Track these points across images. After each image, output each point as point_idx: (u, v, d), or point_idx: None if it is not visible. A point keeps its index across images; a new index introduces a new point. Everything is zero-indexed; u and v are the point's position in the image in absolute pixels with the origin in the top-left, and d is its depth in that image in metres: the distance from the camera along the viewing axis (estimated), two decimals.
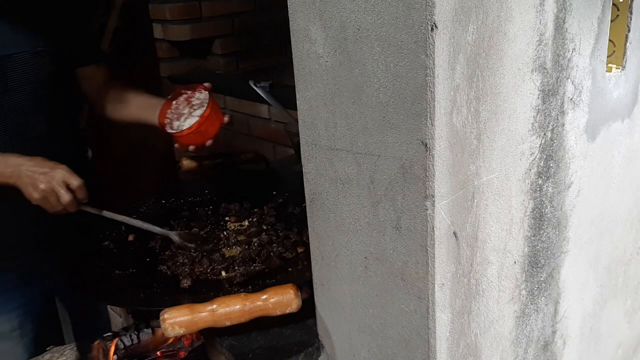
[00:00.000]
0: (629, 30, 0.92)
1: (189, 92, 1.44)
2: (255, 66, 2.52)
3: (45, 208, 1.26)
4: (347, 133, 0.80)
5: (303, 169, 0.92)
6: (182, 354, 1.13)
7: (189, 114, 1.41)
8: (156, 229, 1.36)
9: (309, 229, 0.95)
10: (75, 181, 1.25)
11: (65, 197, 1.24)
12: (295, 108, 0.88)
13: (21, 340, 1.49)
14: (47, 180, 1.23)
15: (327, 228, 0.91)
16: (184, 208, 1.54)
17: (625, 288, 1.18)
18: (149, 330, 1.12)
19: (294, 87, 0.87)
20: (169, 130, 1.40)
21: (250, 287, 1.12)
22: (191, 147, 1.42)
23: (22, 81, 1.34)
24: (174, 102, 1.43)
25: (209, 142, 1.41)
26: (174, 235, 1.34)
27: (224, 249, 1.31)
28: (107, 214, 1.35)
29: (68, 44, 1.41)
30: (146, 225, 1.37)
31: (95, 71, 1.52)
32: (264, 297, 1.00)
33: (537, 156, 0.85)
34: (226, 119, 1.42)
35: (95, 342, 1.09)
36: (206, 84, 1.43)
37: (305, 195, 0.93)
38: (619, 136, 1.00)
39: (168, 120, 1.42)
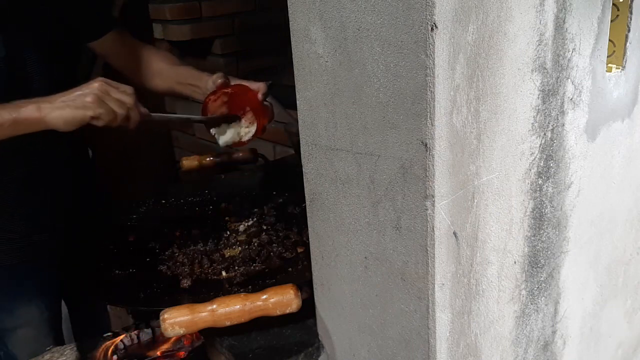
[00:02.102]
0: (629, 30, 0.92)
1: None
2: (255, 66, 2.52)
3: (105, 122, 1.12)
4: (347, 133, 0.80)
5: (303, 169, 0.92)
6: (182, 354, 1.13)
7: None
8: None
9: (309, 229, 0.95)
10: (123, 86, 1.13)
11: (128, 98, 1.12)
12: (295, 108, 0.88)
13: (48, 321, 1.47)
14: (97, 90, 1.09)
15: (327, 228, 0.91)
16: (184, 208, 1.54)
17: (625, 288, 1.18)
18: (149, 330, 1.12)
19: (294, 87, 0.87)
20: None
21: (250, 287, 1.12)
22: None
23: (30, 78, 1.29)
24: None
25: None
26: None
27: (224, 249, 1.31)
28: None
29: (66, 28, 1.35)
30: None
31: (111, 41, 1.45)
32: (264, 297, 1.00)
33: (537, 156, 0.85)
34: (260, 95, 1.40)
35: (96, 342, 1.09)
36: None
37: (305, 195, 0.93)
38: (619, 136, 1.00)
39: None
